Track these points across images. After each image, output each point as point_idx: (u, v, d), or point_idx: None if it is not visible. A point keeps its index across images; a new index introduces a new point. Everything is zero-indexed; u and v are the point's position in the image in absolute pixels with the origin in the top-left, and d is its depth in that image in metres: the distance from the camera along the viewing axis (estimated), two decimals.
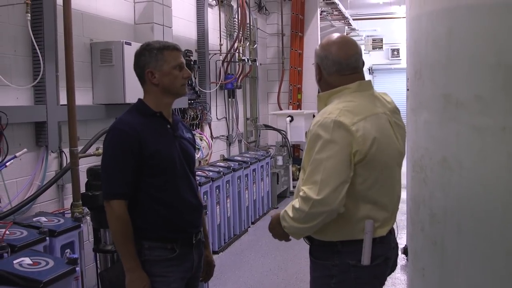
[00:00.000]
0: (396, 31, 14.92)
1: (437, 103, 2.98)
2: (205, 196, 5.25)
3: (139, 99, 2.35)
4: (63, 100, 3.85)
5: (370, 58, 15.94)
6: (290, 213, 2.09)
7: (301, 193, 2.04)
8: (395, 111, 2.25)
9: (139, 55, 2.29)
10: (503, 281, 2.80)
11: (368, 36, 15.44)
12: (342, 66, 2.14)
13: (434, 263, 3.09)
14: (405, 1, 4.64)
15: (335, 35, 2.20)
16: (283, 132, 8.46)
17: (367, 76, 2.08)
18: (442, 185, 2.98)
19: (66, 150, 3.93)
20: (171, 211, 2.27)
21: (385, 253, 2.14)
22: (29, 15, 3.49)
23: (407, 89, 4.76)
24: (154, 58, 2.25)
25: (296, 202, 2.07)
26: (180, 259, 2.28)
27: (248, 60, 7.57)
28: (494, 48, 2.71)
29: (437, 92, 2.97)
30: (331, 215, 2.01)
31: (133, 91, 4.37)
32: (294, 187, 8.58)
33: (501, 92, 2.71)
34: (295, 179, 8.79)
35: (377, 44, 15.36)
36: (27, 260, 2.62)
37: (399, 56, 15.90)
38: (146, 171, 2.23)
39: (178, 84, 2.30)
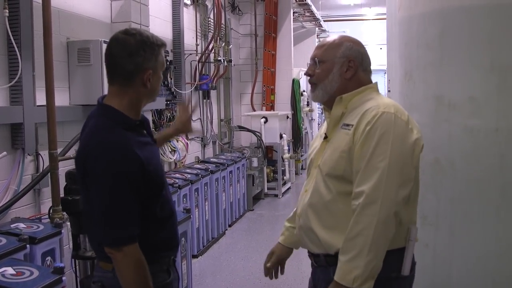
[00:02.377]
0: (364, 33, 15.09)
1: (429, 105, 2.96)
2: (184, 199, 5.14)
3: (108, 106, 1.87)
4: (40, 100, 3.69)
5: None
6: (348, 256, 1.77)
7: (359, 200, 1.80)
8: None
9: (136, 49, 1.82)
10: (495, 284, 2.80)
11: None
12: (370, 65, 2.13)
13: (426, 265, 3.07)
14: (389, 3, 4.65)
15: (347, 35, 2.15)
16: (258, 134, 8.40)
17: None
18: (434, 186, 2.97)
19: (43, 153, 3.77)
20: (167, 230, 2.02)
21: (415, 261, 2.02)
22: (7, 11, 3.33)
23: (388, 90, 4.79)
24: (155, 57, 1.85)
25: (346, 236, 1.80)
26: (176, 279, 2.08)
27: (224, 61, 7.48)
28: (488, 49, 2.70)
29: (429, 93, 2.96)
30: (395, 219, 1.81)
31: None
32: (268, 188, 8.56)
33: (494, 93, 2.71)
34: (270, 180, 8.75)
35: None
36: (9, 270, 2.48)
37: None
38: (145, 193, 1.86)
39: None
